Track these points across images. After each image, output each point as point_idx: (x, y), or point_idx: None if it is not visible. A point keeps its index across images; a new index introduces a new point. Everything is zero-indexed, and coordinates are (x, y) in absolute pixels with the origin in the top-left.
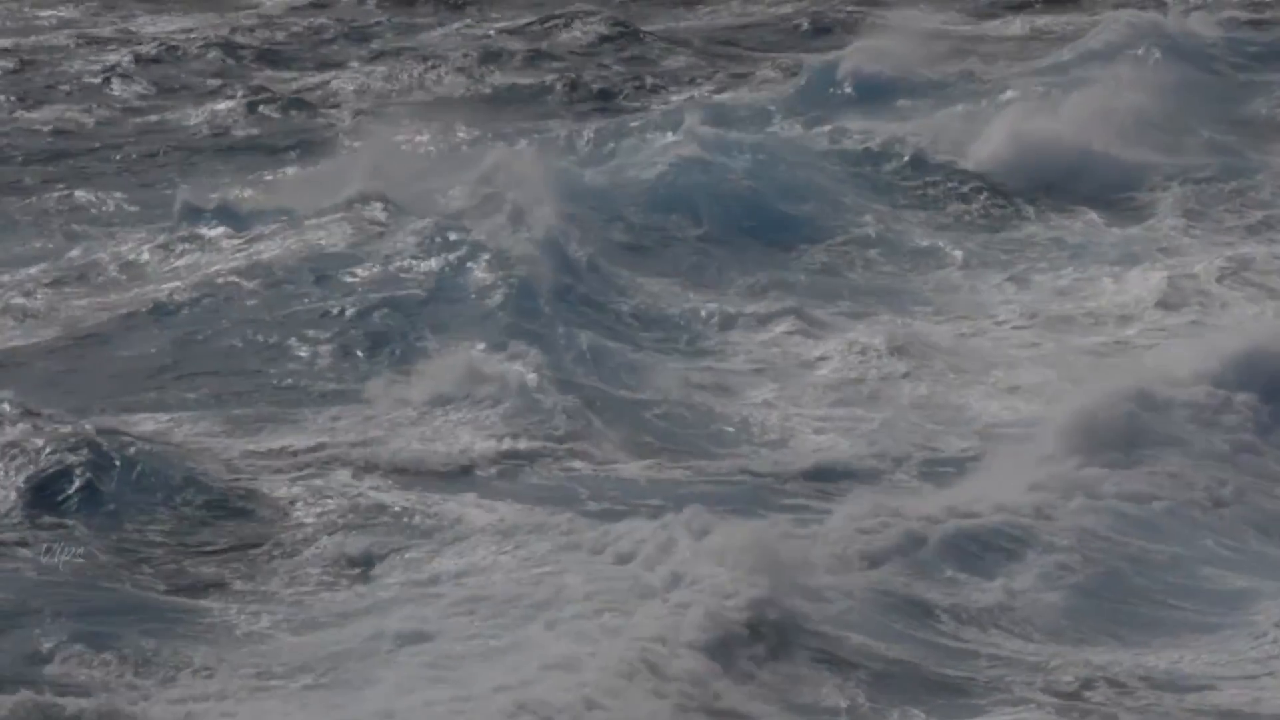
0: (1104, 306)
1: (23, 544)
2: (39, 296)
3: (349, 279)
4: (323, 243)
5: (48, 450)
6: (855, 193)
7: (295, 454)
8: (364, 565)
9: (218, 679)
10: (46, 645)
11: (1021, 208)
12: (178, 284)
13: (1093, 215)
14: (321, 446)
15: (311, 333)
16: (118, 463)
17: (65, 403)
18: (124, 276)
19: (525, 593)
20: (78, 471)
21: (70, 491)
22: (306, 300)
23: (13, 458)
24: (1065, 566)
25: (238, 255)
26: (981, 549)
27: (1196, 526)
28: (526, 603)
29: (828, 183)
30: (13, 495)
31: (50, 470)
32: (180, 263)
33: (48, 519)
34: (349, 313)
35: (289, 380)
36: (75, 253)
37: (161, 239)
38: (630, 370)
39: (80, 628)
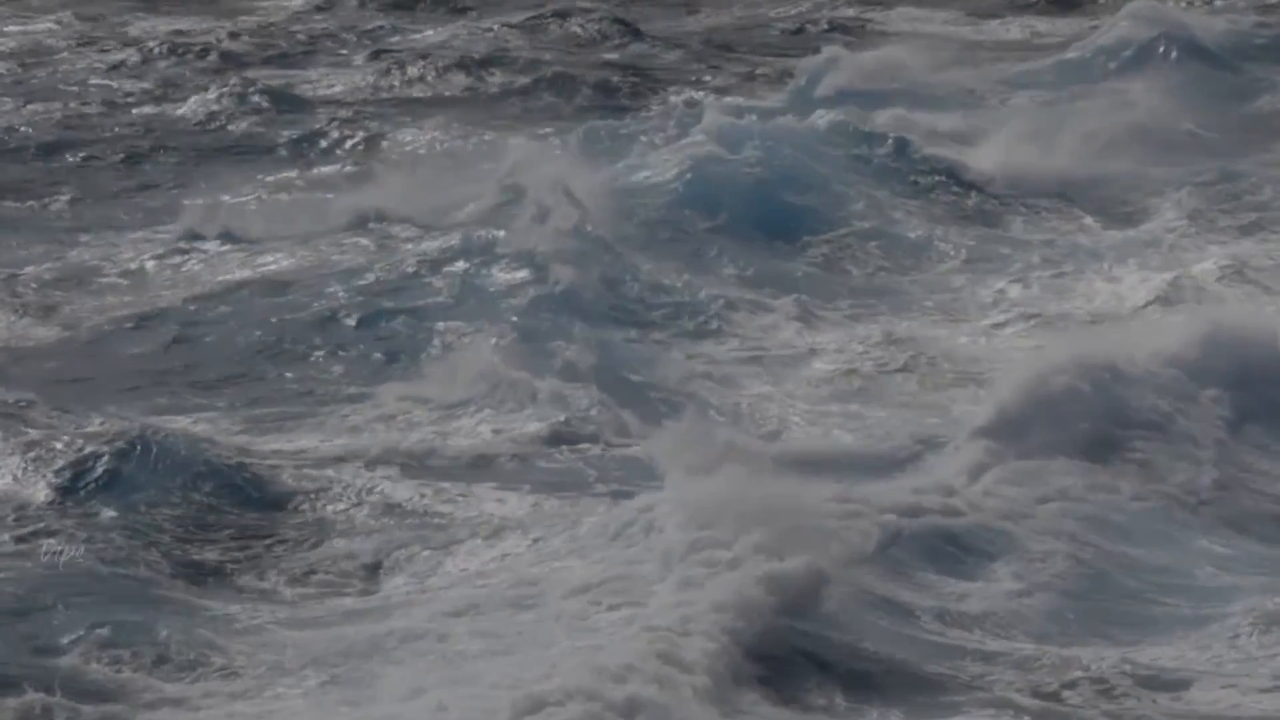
0: (1102, 307)
1: (48, 534)
2: (48, 298)
3: (360, 281)
4: (331, 247)
5: (71, 448)
6: (858, 188)
7: (312, 453)
8: (379, 563)
9: (232, 677)
10: (60, 641)
11: (1021, 209)
12: (188, 289)
13: (1091, 217)
14: (337, 446)
15: (325, 335)
16: (135, 461)
17: (82, 403)
18: (133, 281)
19: (536, 587)
20: (95, 469)
21: (87, 488)
22: (319, 304)
23: (34, 456)
24: (1043, 565)
25: (246, 262)
26: (960, 548)
27: (1172, 522)
28: (538, 596)
29: (833, 176)
30: (31, 492)
31: (69, 468)
32: (187, 268)
33: (65, 515)
34: (362, 315)
35: (308, 383)
36: (81, 256)
37: (167, 245)
38: (647, 365)
39: (95, 625)
